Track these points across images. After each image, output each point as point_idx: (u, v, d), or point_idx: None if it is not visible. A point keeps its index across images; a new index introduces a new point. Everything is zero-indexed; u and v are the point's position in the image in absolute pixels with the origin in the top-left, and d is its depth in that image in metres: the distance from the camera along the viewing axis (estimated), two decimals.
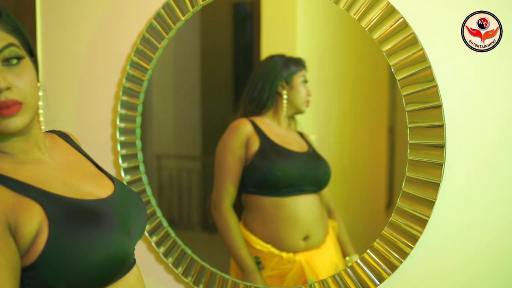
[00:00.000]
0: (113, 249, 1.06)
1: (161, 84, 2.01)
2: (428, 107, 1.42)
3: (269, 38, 1.84)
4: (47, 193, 1.05)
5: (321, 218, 1.77)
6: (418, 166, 1.45)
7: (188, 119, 2.13)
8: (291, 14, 1.80)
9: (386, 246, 1.51)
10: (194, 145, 2.12)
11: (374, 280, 1.52)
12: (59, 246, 1.00)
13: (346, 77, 1.76)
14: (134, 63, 1.82)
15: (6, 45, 1.02)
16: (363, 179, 1.76)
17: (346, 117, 1.76)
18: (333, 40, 1.76)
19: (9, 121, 1.02)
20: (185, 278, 1.80)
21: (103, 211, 1.09)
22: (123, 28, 1.88)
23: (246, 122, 1.82)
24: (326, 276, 1.61)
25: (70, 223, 1.03)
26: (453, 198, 1.45)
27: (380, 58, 1.47)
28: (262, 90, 1.79)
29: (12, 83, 1.02)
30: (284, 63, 1.78)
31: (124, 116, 1.86)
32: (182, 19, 1.73)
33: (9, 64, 1.03)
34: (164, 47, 1.79)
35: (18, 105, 1.02)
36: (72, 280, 1.01)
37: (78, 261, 1.00)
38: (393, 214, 1.49)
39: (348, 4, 1.48)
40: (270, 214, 1.78)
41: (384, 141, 1.69)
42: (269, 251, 1.76)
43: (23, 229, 0.98)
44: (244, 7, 1.93)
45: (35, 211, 1.01)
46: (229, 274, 1.80)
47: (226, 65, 2.08)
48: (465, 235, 1.45)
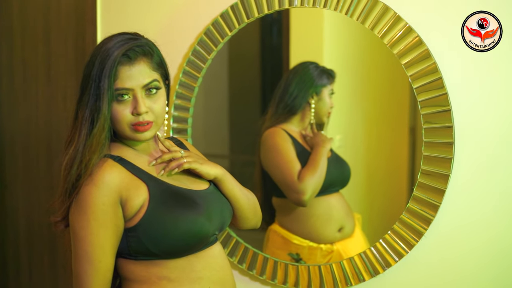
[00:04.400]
0: (195, 229, 1.36)
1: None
2: (439, 111, 1.67)
3: (297, 43, 2.01)
4: (153, 177, 1.38)
5: (350, 211, 1.96)
6: (432, 160, 1.70)
7: (217, 120, 2.28)
8: (318, 22, 1.96)
9: (404, 228, 1.76)
10: (222, 145, 2.28)
11: (394, 257, 1.78)
12: (153, 218, 1.33)
13: (369, 84, 1.96)
14: (186, 71, 2.09)
15: (152, 81, 1.36)
16: (387, 173, 1.97)
17: (369, 119, 1.96)
18: (358, 52, 1.96)
19: (141, 135, 1.37)
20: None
21: (192, 198, 1.40)
22: (177, 41, 2.15)
23: (280, 131, 1.98)
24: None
25: (165, 203, 1.35)
26: (461, 187, 1.70)
27: (400, 70, 1.70)
28: (296, 98, 1.95)
29: (149, 107, 1.35)
30: (319, 74, 1.92)
31: (177, 118, 2.13)
32: (229, 34, 1.98)
33: (150, 93, 1.36)
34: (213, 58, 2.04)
35: (150, 124, 1.36)
36: (160, 245, 1.33)
37: (165, 232, 1.33)
38: (410, 201, 1.74)
39: (372, 24, 1.73)
40: (304, 213, 1.97)
41: (405, 140, 1.87)
42: (308, 245, 1.96)
43: (131, 202, 1.32)
44: (271, 13, 1.94)
45: (142, 190, 1.34)
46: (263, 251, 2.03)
47: (253, 68, 2.19)
48: (471, 218, 1.70)
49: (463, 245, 1.73)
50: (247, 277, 2.07)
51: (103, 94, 1.30)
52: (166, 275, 1.36)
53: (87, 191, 1.29)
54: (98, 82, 1.30)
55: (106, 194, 1.29)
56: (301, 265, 1.92)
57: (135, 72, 1.34)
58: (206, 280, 1.40)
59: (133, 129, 1.35)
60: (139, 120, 1.34)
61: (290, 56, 2.05)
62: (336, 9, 1.78)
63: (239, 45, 2.13)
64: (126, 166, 1.36)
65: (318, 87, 1.94)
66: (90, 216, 1.29)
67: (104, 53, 1.32)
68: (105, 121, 1.32)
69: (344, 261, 1.86)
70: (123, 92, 1.33)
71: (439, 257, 1.75)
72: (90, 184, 1.29)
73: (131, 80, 1.33)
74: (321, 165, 1.92)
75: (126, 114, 1.34)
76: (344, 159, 1.96)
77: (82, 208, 1.29)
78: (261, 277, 2.00)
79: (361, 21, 1.75)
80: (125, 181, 1.33)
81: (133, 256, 1.36)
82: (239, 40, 2.08)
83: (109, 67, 1.30)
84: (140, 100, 1.34)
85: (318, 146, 1.93)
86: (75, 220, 1.31)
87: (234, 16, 1.96)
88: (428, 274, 1.77)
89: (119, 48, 1.32)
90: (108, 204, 1.29)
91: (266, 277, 1.98)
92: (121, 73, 1.32)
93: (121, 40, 1.34)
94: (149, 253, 1.34)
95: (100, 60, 1.31)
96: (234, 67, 2.19)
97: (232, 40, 2.04)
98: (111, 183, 1.30)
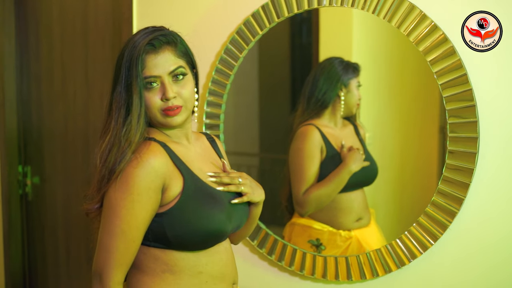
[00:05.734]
0: (216, 226, 1.44)
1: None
2: (464, 106, 1.71)
3: (327, 42, 2.06)
4: (190, 171, 1.46)
5: (367, 204, 2.04)
6: (457, 155, 1.74)
7: (247, 119, 2.30)
8: (347, 21, 2.00)
9: (429, 221, 1.81)
10: (252, 143, 2.30)
11: (419, 249, 1.83)
12: (181, 211, 1.41)
13: (397, 81, 2.01)
14: (218, 69, 2.17)
15: (177, 67, 1.44)
16: (416, 169, 2.00)
17: (398, 116, 1.99)
18: (386, 50, 2.00)
19: (172, 119, 1.45)
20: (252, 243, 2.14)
21: (221, 199, 1.48)
22: (210, 39, 2.23)
23: (314, 129, 2.04)
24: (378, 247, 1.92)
25: (196, 199, 1.43)
26: (485, 181, 1.74)
27: (426, 67, 1.75)
28: (326, 92, 2.01)
29: (177, 92, 1.44)
30: (344, 68, 1.98)
31: (210, 114, 2.21)
32: (260, 33, 2.06)
33: (177, 79, 1.45)
34: (244, 56, 2.12)
35: (179, 108, 1.44)
36: (179, 236, 1.41)
37: (189, 225, 1.41)
38: (435, 194, 1.79)
39: (399, 22, 1.79)
40: (327, 205, 2.04)
41: (435, 136, 1.87)
42: (328, 230, 2.03)
43: (169, 191, 1.41)
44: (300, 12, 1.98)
45: (179, 182, 1.42)
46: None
47: (283, 66, 2.22)
48: (495, 211, 1.74)
49: (488, 238, 1.76)
50: (276, 268, 2.14)
51: (133, 83, 1.40)
52: (170, 268, 1.43)
53: (135, 173, 1.36)
54: (128, 72, 1.40)
55: (153, 179, 1.37)
56: (328, 256, 1.98)
57: (160, 60, 1.43)
58: (205, 274, 1.47)
59: (163, 114, 1.44)
60: (169, 105, 1.43)
61: (320, 54, 2.09)
62: (364, 8, 1.84)
63: (270, 44, 2.17)
64: (169, 153, 1.44)
65: (346, 80, 2.00)
66: (135, 197, 1.35)
67: (131, 44, 1.42)
68: (140, 108, 1.40)
69: (371, 252, 1.92)
70: (151, 80, 1.42)
71: (463, 250, 1.79)
72: (136, 165, 1.36)
73: (158, 68, 1.42)
74: (334, 186, 2.01)
75: (156, 100, 1.43)
76: (374, 158, 2.01)
77: (127, 188, 1.36)
78: (290, 268, 2.06)
79: (388, 20, 1.80)
80: (169, 169, 1.42)
81: (149, 242, 1.43)
82: (269, 39, 2.13)
83: (135, 57, 1.40)
84: (168, 86, 1.42)
85: (344, 164, 2.00)
86: (118, 198, 1.36)
87: (265, 16, 2.04)
88: (452, 266, 1.82)
89: (144, 38, 1.41)
90: (153, 189, 1.37)
91: (295, 268, 2.05)
92: (147, 62, 1.42)
93: (147, 32, 1.44)
94: (166, 241, 1.41)
95: (128, 51, 1.41)
96: (265, 66, 2.24)
97: (263, 39, 2.10)
98: (158, 169, 1.38)
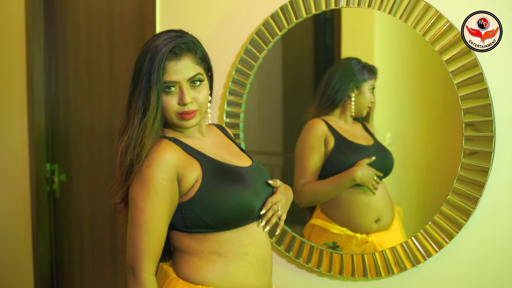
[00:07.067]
0: (244, 202, 1.51)
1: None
2: (480, 105, 1.72)
3: (349, 41, 2.08)
4: (205, 155, 1.54)
5: (390, 202, 2.01)
6: (472, 154, 1.75)
7: (271, 118, 2.33)
8: (369, 21, 2.01)
9: (445, 219, 1.82)
10: (276, 142, 2.32)
11: (434, 247, 1.84)
12: (207, 191, 1.49)
13: (419, 82, 2.00)
14: (238, 69, 2.21)
15: (196, 74, 1.52)
16: (438, 169, 1.98)
17: (420, 116, 1.98)
18: (407, 50, 2.00)
19: (187, 122, 1.54)
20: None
21: (241, 174, 1.56)
22: (230, 41, 2.27)
23: (320, 121, 2.07)
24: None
25: (217, 177, 1.51)
26: (501, 180, 1.74)
27: (443, 67, 1.75)
28: (338, 92, 2.03)
29: (193, 98, 1.51)
30: (360, 69, 1.99)
31: (230, 113, 2.26)
32: (279, 34, 2.09)
33: (194, 85, 1.53)
34: (264, 56, 2.15)
35: (194, 112, 1.53)
36: (213, 215, 1.48)
37: (216, 204, 1.48)
38: (450, 193, 1.79)
39: (415, 22, 1.80)
40: (345, 200, 2.05)
41: (459, 136, 1.77)
42: (345, 233, 2.04)
43: (186, 178, 1.49)
44: (323, 12, 2.00)
45: (196, 167, 1.51)
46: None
47: (307, 66, 2.23)
48: (511, 211, 1.74)
49: (503, 237, 1.76)
50: (294, 265, 2.17)
51: (153, 87, 1.47)
52: (217, 250, 1.51)
53: (149, 169, 1.45)
54: (149, 76, 1.47)
55: (165, 170, 1.46)
56: (345, 254, 2.00)
57: (181, 66, 1.50)
58: (251, 256, 1.54)
59: (179, 117, 1.52)
60: (185, 109, 1.51)
61: (342, 54, 2.11)
62: (380, 9, 1.85)
63: (293, 44, 2.20)
64: (181, 145, 1.52)
65: (359, 81, 2.01)
66: (151, 190, 1.45)
67: (153, 49, 1.48)
68: (156, 111, 1.48)
69: (387, 250, 1.93)
70: (171, 85, 1.50)
71: (479, 249, 1.80)
72: (149, 165, 1.46)
73: (177, 74, 1.50)
74: (333, 187, 2.05)
75: (173, 104, 1.51)
76: (387, 148, 2.00)
77: (144, 183, 1.45)
78: (307, 265, 2.09)
79: (404, 20, 1.82)
80: (181, 158, 1.50)
81: (189, 229, 1.52)
82: (293, 39, 2.16)
83: (158, 62, 1.47)
84: (186, 92, 1.50)
85: (352, 170, 2.01)
86: (137, 193, 1.46)
87: (284, 17, 2.07)
88: (467, 264, 1.82)
89: (167, 45, 1.48)
90: (167, 179, 1.46)
91: (312, 265, 2.08)
92: (168, 67, 1.49)
93: (168, 38, 1.50)
94: (204, 224, 1.49)
95: (150, 56, 1.48)
96: (288, 66, 2.27)
97: (286, 39, 2.13)
98: (169, 161, 1.47)
